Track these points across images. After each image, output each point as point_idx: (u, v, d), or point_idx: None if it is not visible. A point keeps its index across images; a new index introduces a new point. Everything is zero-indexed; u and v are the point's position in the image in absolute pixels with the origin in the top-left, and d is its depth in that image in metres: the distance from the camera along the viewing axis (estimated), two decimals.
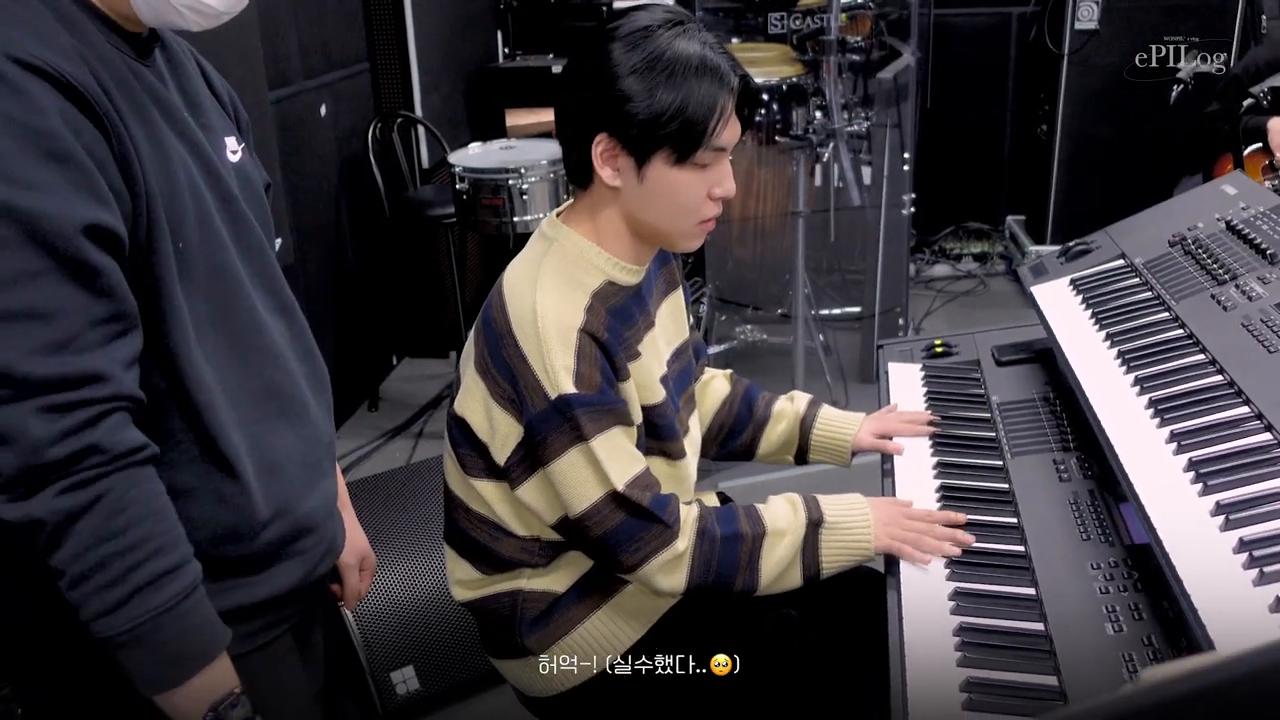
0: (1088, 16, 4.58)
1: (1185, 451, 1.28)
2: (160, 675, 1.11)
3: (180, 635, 1.11)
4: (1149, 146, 4.63)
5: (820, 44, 3.57)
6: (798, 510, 1.52)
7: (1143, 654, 1.20)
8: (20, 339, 1.01)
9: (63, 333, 1.03)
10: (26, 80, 1.01)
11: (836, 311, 4.41)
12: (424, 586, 2.44)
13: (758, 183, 4.23)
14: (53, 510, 1.03)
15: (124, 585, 1.07)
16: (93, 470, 1.05)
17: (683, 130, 1.39)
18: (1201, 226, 1.73)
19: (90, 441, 1.04)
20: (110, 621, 1.07)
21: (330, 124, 3.83)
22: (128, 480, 1.07)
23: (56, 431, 1.02)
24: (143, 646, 1.09)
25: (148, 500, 1.09)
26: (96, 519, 1.05)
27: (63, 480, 1.04)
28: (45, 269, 1.01)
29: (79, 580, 1.06)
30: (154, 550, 1.08)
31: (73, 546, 1.05)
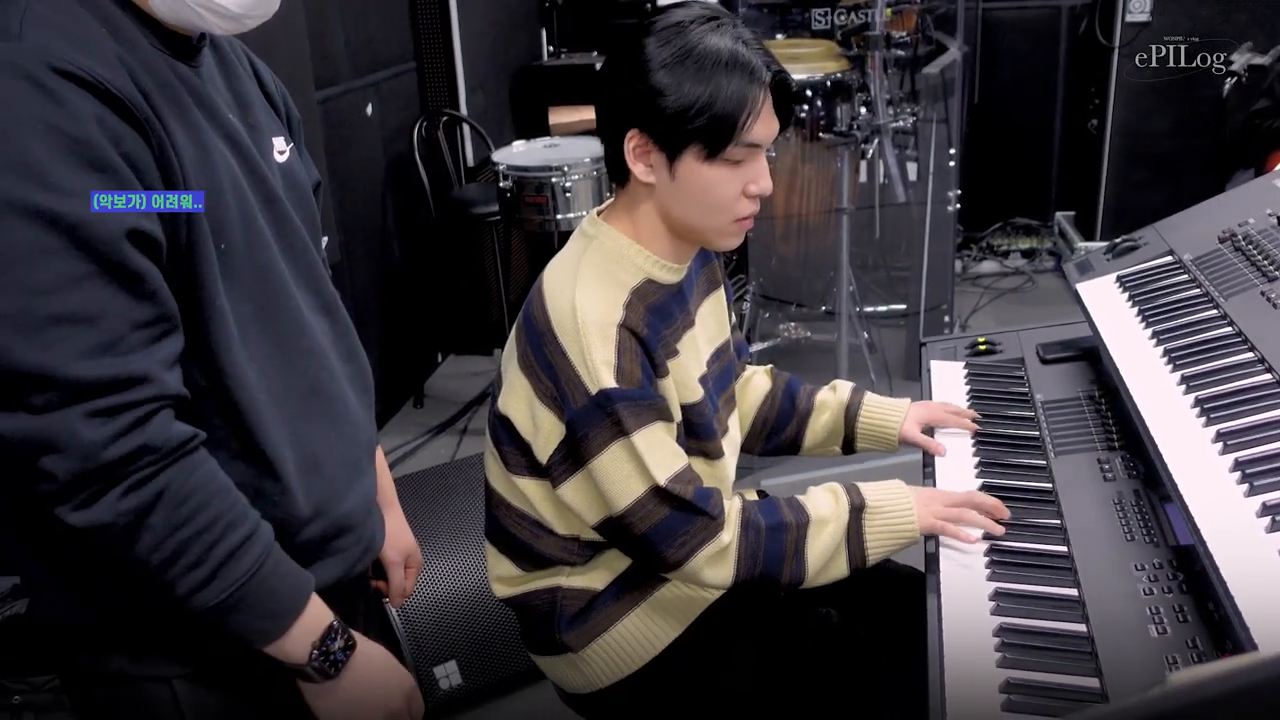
0: (1139, 8, 4.51)
1: (1231, 451, 1.26)
2: (261, 631, 1.17)
3: (269, 594, 1.16)
4: (1202, 140, 4.55)
5: (865, 39, 3.55)
6: (839, 497, 1.52)
7: (1187, 656, 1.18)
8: (66, 343, 1.02)
9: (107, 335, 1.04)
10: (64, 88, 1.02)
11: (881, 309, 4.38)
12: (468, 582, 2.46)
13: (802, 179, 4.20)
14: (119, 512, 1.06)
15: (207, 564, 1.11)
16: (149, 468, 1.07)
17: (712, 125, 1.38)
18: (1252, 222, 1.70)
19: (141, 442, 1.06)
20: (203, 597, 1.12)
21: (376, 123, 3.87)
22: (184, 470, 1.10)
23: (107, 435, 1.04)
24: (238, 611, 1.14)
25: (208, 483, 1.12)
26: (164, 512, 1.08)
27: (123, 483, 1.06)
28: (89, 274, 1.03)
29: (163, 567, 1.10)
30: (225, 527, 1.13)
31: (149, 540, 1.08)
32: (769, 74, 1.40)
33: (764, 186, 1.44)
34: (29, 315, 1.01)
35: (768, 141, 1.42)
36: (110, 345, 1.04)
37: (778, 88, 1.42)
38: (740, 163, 1.42)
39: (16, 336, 1.01)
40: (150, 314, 1.08)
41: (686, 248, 1.52)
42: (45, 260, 1.01)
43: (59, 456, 1.03)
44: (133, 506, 1.06)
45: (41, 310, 1.01)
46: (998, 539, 1.45)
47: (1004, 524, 1.47)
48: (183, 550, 1.10)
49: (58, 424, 1.03)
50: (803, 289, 4.41)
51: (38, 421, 1.02)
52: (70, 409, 1.03)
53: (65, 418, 1.03)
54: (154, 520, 1.08)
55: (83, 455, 1.03)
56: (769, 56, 1.42)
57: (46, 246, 1.01)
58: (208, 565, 1.11)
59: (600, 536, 1.52)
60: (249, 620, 1.16)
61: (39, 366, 1.01)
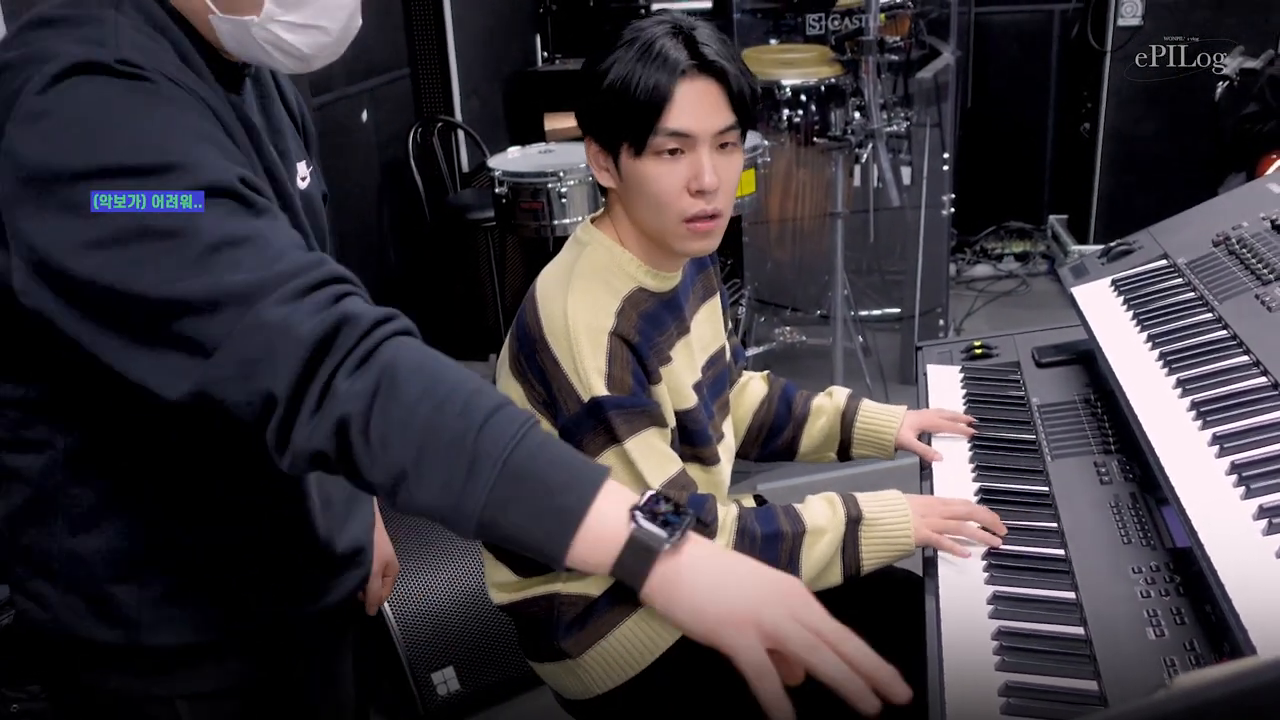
0: (1131, 12, 4.53)
1: (1228, 454, 1.26)
2: (558, 523, 0.91)
3: (550, 462, 0.93)
4: (1194, 144, 4.57)
5: (859, 44, 3.55)
6: (836, 508, 1.52)
7: (1184, 659, 1.18)
8: (243, 258, 0.96)
9: (273, 249, 0.98)
10: (178, 92, 1.04)
11: (876, 313, 4.40)
12: (465, 588, 2.46)
13: (796, 184, 4.22)
14: (352, 396, 0.92)
15: (463, 445, 0.91)
16: (357, 342, 0.94)
17: (631, 114, 1.38)
18: (1246, 226, 1.71)
19: (341, 312, 0.95)
20: (469, 496, 0.90)
21: (371, 129, 3.87)
22: (398, 344, 0.96)
23: (302, 312, 0.94)
24: (517, 506, 0.91)
25: (433, 355, 0.97)
26: (399, 386, 0.92)
27: (341, 365, 0.93)
28: (234, 210, 0.99)
29: (410, 469, 0.91)
30: (471, 391, 0.94)
31: (385, 429, 0.91)
32: (689, 63, 1.38)
33: (705, 182, 1.40)
34: (196, 254, 0.95)
35: (701, 132, 1.39)
36: (282, 252, 0.98)
37: (720, 78, 1.41)
38: (675, 156, 1.40)
39: (182, 272, 0.95)
40: (298, 238, 1.04)
41: (667, 254, 1.51)
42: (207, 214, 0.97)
43: (266, 366, 0.93)
44: (360, 389, 0.92)
45: (207, 251, 0.96)
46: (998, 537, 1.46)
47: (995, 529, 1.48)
48: (431, 432, 0.91)
49: (249, 329, 0.93)
50: (797, 293, 4.42)
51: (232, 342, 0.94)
52: (255, 308, 0.93)
53: (256, 317, 0.93)
54: (382, 403, 0.91)
55: (294, 340, 0.92)
56: (712, 52, 1.39)
57: (219, 210, 0.98)
58: (460, 448, 0.90)
59: None
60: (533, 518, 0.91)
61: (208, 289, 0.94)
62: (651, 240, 1.49)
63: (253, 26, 1.11)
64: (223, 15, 1.11)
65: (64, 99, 0.97)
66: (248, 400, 0.95)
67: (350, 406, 0.92)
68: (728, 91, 1.41)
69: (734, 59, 1.43)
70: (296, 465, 0.97)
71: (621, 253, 1.49)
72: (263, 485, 1.22)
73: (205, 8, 1.11)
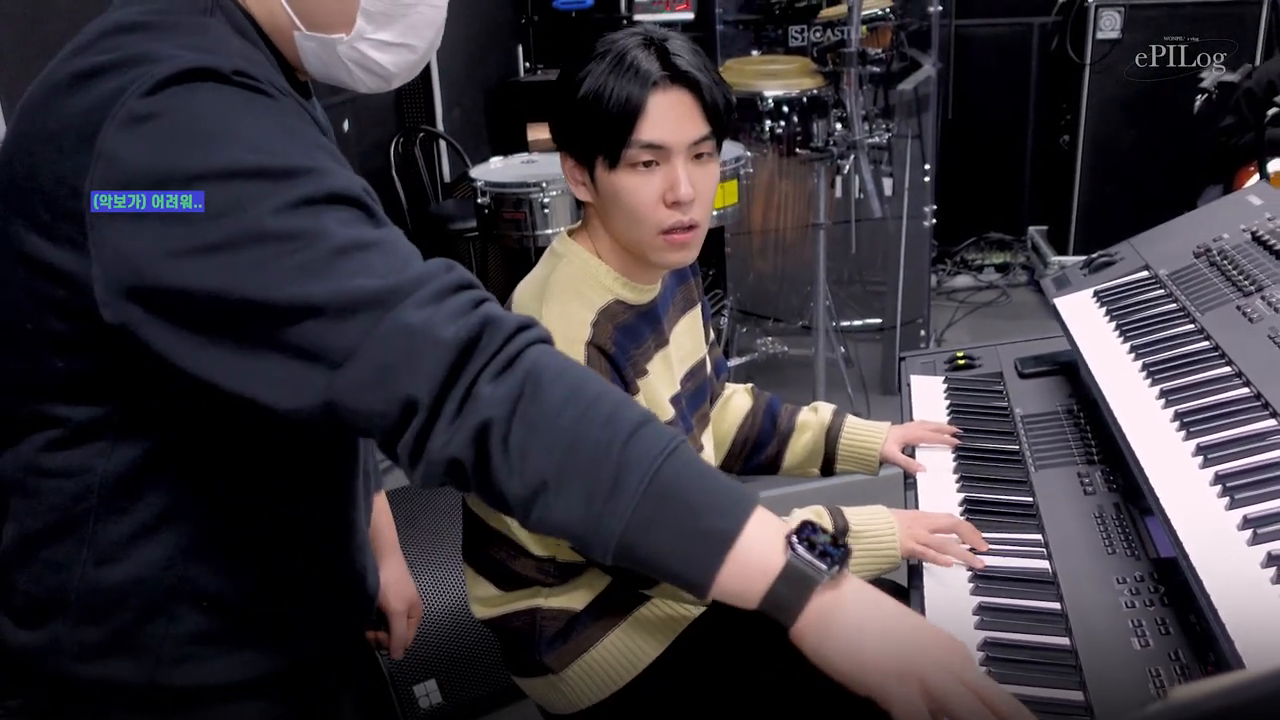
0: (1110, 26, 4.57)
1: (1212, 465, 1.27)
2: (705, 547, 0.88)
3: (698, 478, 0.90)
4: (1172, 156, 4.61)
5: (841, 56, 3.57)
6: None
7: (1170, 669, 1.18)
8: (374, 262, 0.93)
9: (400, 255, 0.96)
10: (271, 90, 1.00)
11: (858, 323, 4.41)
12: (447, 600, 2.44)
13: (778, 195, 4.23)
14: (495, 401, 0.89)
15: (607, 457, 0.87)
16: (500, 347, 0.91)
17: (604, 127, 1.38)
18: (1227, 238, 1.72)
19: (483, 316, 0.92)
20: (611, 514, 0.87)
21: (353, 139, 3.86)
22: (540, 351, 0.94)
23: (444, 314, 0.91)
24: (661, 527, 0.87)
25: (575, 364, 0.96)
26: (542, 393, 0.90)
27: (484, 370, 0.90)
28: (359, 218, 0.97)
29: (550, 481, 0.88)
30: (616, 403, 0.92)
31: (526, 437, 0.88)
32: (661, 74, 1.37)
33: (681, 194, 1.39)
34: (323, 257, 0.92)
35: (675, 144, 1.39)
36: (408, 260, 0.96)
37: (694, 88, 1.40)
38: (650, 168, 1.40)
39: (308, 276, 0.91)
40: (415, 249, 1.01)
41: (645, 267, 1.50)
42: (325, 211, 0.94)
43: (405, 370, 0.89)
44: (505, 394, 0.89)
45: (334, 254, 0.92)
46: (980, 554, 1.46)
47: (986, 538, 1.48)
48: (576, 441, 0.88)
49: (388, 334, 0.90)
50: (779, 304, 4.43)
51: (369, 347, 0.90)
52: (393, 312, 0.90)
53: (394, 321, 0.90)
54: (527, 409, 0.88)
55: (433, 342, 0.89)
56: (684, 63, 1.39)
57: (343, 217, 0.95)
58: (608, 460, 0.87)
59: (575, 558, 1.51)
60: (679, 540, 0.87)
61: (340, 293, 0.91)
62: (629, 252, 1.48)
63: (339, 45, 1.08)
64: (309, 33, 1.08)
65: (177, 102, 0.92)
66: (384, 409, 0.90)
67: (493, 412, 0.88)
68: (701, 102, 1.41)
69: (707, 69, 1.42)
70: (431, 476, 0.92)
71: (598, 265, 1.48)
72: (308, 520, 1.18)
73: (290, 24, 1.08)
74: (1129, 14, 4.54)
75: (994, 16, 5.05)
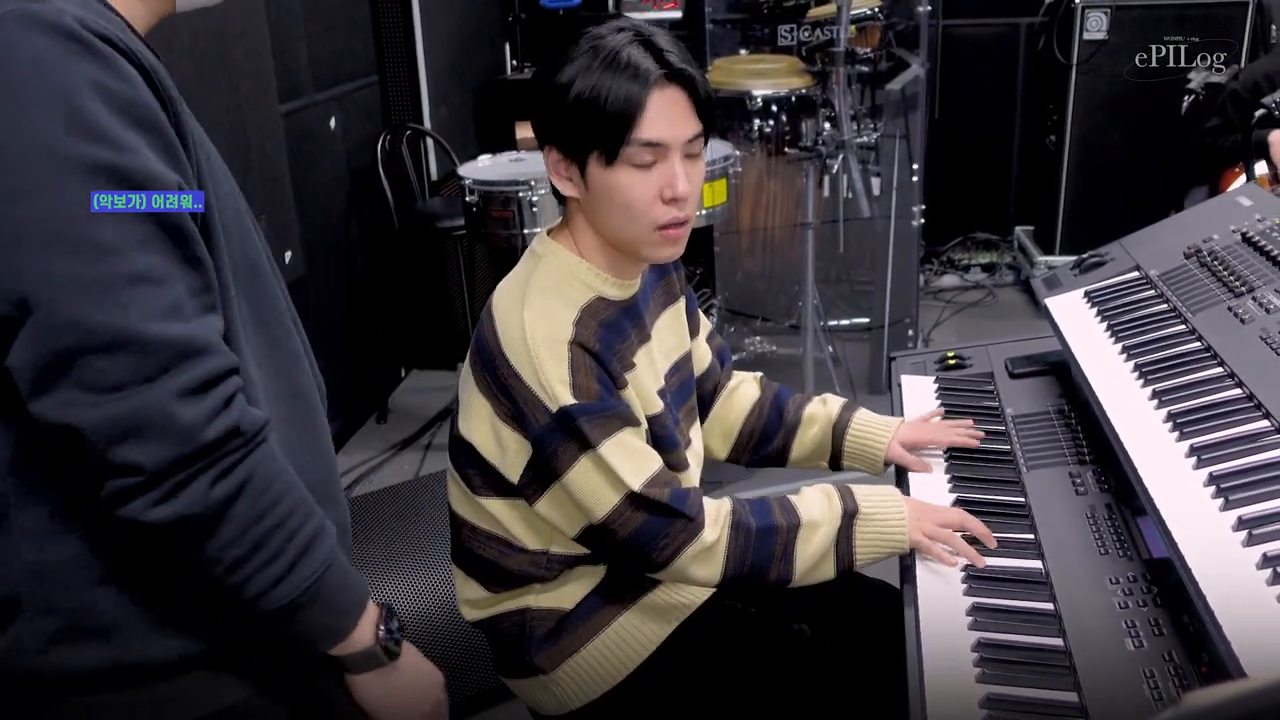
0: (1096, 26, 4.58)
1: (1205, 465, 1.27)
2: (332, 629, 1.12)
3: (340, 586, 1.11)
4: (1159, 157, 4.62)
5: (829, 55, 3.57)
6: (832, 500, 1.51)
7: (1163, 669, 1.19)
8: (139, 303, 0.95)
9: (172, 298, 0.98)
10: (106, 49, 0.96)
11: (845, 322, 4.41)
12: (434, 601, 2.43)
13: (767, 194, 4.23)
14: (209, 504, 0.99)
15: (283, 558, 1.05)
16: (237, 453, 1.01)
17: (602, 126, 1.37)
18: (1217, 238, 1.72)
19: (233, 422, 1.00)
20: (275, 595, 1.05)
21: (340, 136, 3.84)
22: (264, 456, 1.04)
23: (204, 413, 0.97)
24: (312, 608, 1.08)
25: (282, 471, 1.06)
26: (247, 502, 1.02)
27: (213, 469, 0.99)
28: (151, 233, 0.97)
29: (238, 564, 1.02)
30: (302, 517, 1.07)
31: (229, 533, 1.01)
32: (659, 72, 1.37)
33: (679, 190, 1.40)
34: (102, 276, 0.94)
35: (673, 141, 1.39)
36: (176, 309, 0.98)
37: (688, 86, 1.40)
38: (648, 166, 1.39)
39: (91, 301, 0.93)
40: (200, 282, 1.02)
41: (629, 262, 1.50)
42: (112, 218, 0.95)
43: (151, 443, 0.95)
44: (221, 496, 0.99)
45: (114, 269, 0.94)
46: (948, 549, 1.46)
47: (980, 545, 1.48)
48: (260, 544, 1.03)
49: (151, 404, 0.95)
50: (768, 303, 4.43)
51: (127, 403, 0.94)
52: (159, 384, 0.95)
53: (158, 396, 0.95)
54: (238, 510, 1.01)
55: (178, 438, 0.96)
56: (677, 60, 1.39)
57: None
58: (283, 560, 1.05)
59: (572, 550, 1.51)
60: (319, 618, 1.10)
61: (117, 329, 0.94)
62: (617, 248, 1.47)
63: None
64: None
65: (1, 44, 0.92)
66: (108, 457, 0.96)
67: (200, 509, 0.99)
68: (694, 99, 1.40)
69: (695, 65, 1.42)
70: (115, 516, 0.99)
71: (578, 263, 1.47)
72: None
73: None
74: (1115, 15, 4.55)
75: (981, 17, 5.05)
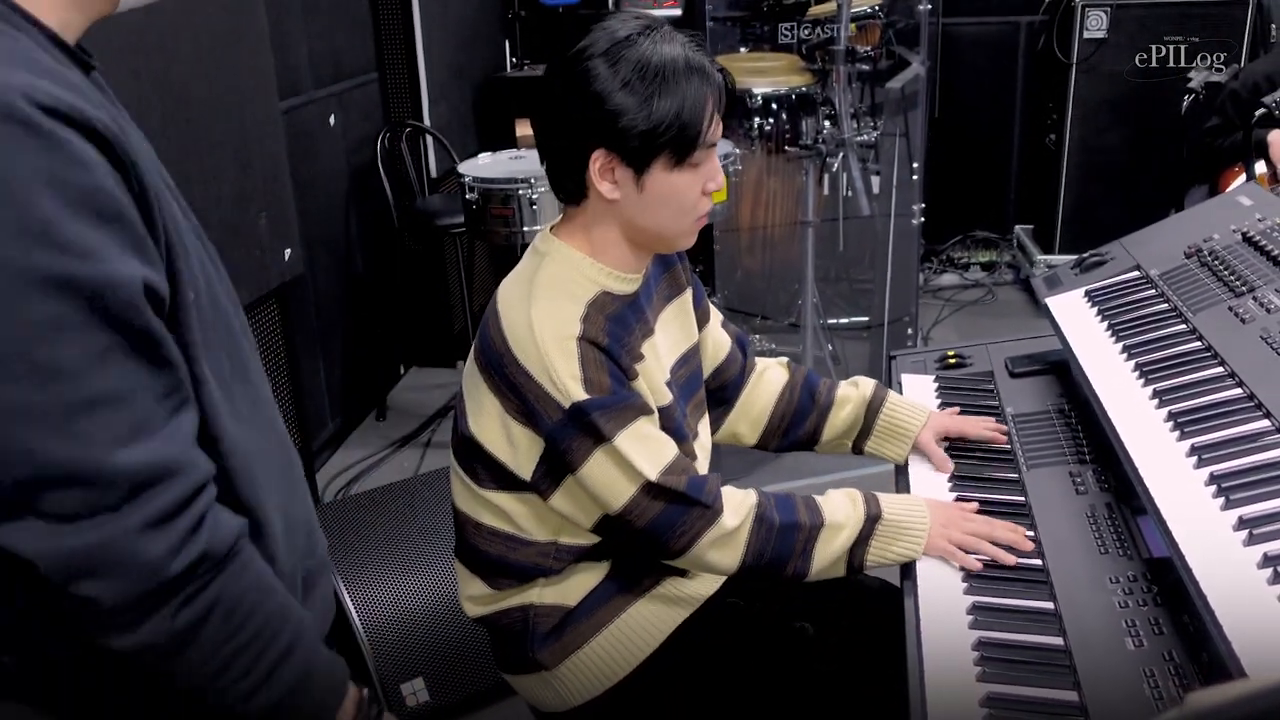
0: (1096, 25, 4.57)
1: (1206, 465, 1.27)
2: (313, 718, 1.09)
3: (317, 687, 1.09)
4: (1158, 156, 4.62)
5: (829, 53, 3.57)
6: (856, 505, 1.51)
7: (1164, 669, 1.19)
8: (100, 430, 0.89)
9: (138, 415, 0.91)
10: (59, 130, 0.87)
11: (845, 321, 4.41)
12: (434, 597, 2.43)
13: (767, 192, 4.22)
14: (173, 633, 0.95)
15: (256, 673, 1.02)
16: (204, 577, 0.96)
17: (680, 133, 1.40)
18: (1217, 238, 1.73)
19: (201, 550, 0.95)
20: (251, 704, 1.03)
21: (339, 133, 3.83)
22: (235, 574, 1.00)
23: (168, 547, 0.93)
24: (290, 708, 1.06)
25: (256, 584, 1.03)
26: (217, 624, 0.98)
27: (176, 598, 0.95)
28: (112, 345, 0.90)
29: (213, 678, 1.00)
30: (275, 631, 1.03)
31: (197, 656, 0.98)
32: (718, 74, 1.44)
33: (720, 181, 1.49)
34: (55, 403, 0.87)
35: (717, 138, 1.46)
36: (142, 427, 0.91)
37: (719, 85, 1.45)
38: (700, 164, 1.45)
39: (44, 430, 0.87)
40: (169, 383, 0.95)
41: (644, 256, 1.52)
42: (66, 336, 0.87)
43: (111, 580, 0.91)
44: (185, 623, 0.95)
45: (69, 396, 0.87)
46: (973, 553, 1.46)
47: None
48: (233, 659, 1.00)
49: (112, 539, 0.90)
50: (767, 301, 4.43)
51: (85, 538, 0.89)
52: (118, 518, 0.90)
53: (121, 530, 0.90)
54: (206, 634, 0.97)
55: (142, 575, 0.92)
56: (712, 56, 1.46)
57: (65, 320, 0.87)
58: (256, 674, 1.02)
59: (581, 540, 1.51)
60: (298, 716, 1.07)
61: (74, 461, 0.88)
62: (640, 244, 1.49)
63: None
64: None
65: None
66: (68, 589, 0.91)
67: (163, 639, 0.95)
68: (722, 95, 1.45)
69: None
70: (78, 632, 0.96)
71: (581, 259, 1.47)
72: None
73: None
74: (1115, 14, 4.55)
75: (982, 15, 5.05)
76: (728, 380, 1.77)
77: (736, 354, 1.78)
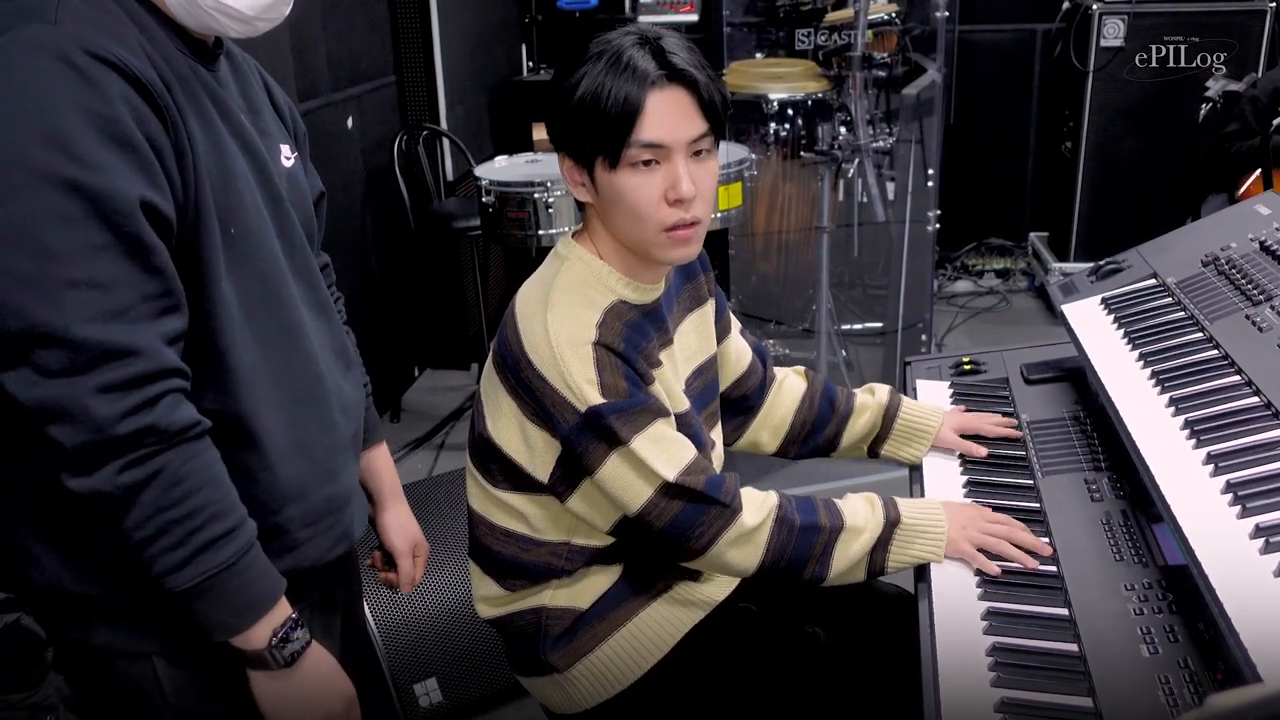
0: (1113, 33, 4.57)
1: (1223, 473, 1.27)
2: (226, 624, 1.21)
3: (241, 589, 1.20)
4: (1174, 164, 4.60)
5: (846, 60, 3.57)
6: (875, 509, 1.52)
7: (1179, 676, 1.19)
8: (78, 306, 1.07)
9: (117, 303, 1.09)
10: (95, 69, 1.09)
11: (859, 327, 4.41)
12: (448, 598, 2.44)
13: (782, 197, 4.23)
14: (115, 485, 1.11)
15: (185, 548, 1.15)
16: (150, 448, 1.12)
17: (603, 128, 1.37)
18: (1235, 246, 1.72)
19: (149, 422, 1.11)
20: (176, 579, 1.16)
21: (357, 136, 3.85)
22: (183, 455, 1.15)
23: (117, 411, 1.09)
24: (208, 599, 1.19)
25: (203, 471, 1.17)
26: (155, 491, 1.13)
27: (123, 457, 1.11)
28: (107, 244, 1.09)
29: (144, 543, 1.14)
30: (210, 516, 1.17)
31: (136, 515, 1.13)
32: (658, 73, 1.37)
33: (683, 191, 1.39)
34: (47, 277, 1.06)
35: (674, 142, 1.38)
36: (119, 313, 1.09)
37: (691, 86, 1.39)
38: (650, 166, 1.39)
39: (37, 296, 1.06)
40: (158, 288, 1.13)
41: (647, 265, 1.50)
42: (66, 227, 1.07)
43: (67, 426, 1.08)
44: (128, 481, 1.11)
45: (59, 274, 1.07)
46: (994, 555, 1.46)
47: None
48: (165, 530, 1.14)
49: (69, 394, 1.08)
50: (782, 306, 4.43)
51: (50, 389, 1.07)
52: (81, 379, 1.08)
53: (76, 389, 1.08)
54: (145, 497, 1.13)
55: (91, 428, 1.09)
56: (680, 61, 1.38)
57: (68, 214, 1.07)
58: (185, 549, 1.15)
59: (594, 541, 1.52)
60: (214, 611, 1.20)
61: (50, 325, 1.06)
62: (631, 252, 1.48)
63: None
64: None
65: None
66: (43, 430, 1.09)
67: (109, 489, 1.11)
68: (699, 100, 1.40)
69: (702, 67, 1.42)
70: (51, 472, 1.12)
71: (601, 266, 1.48)
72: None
73: None
74: (1133, 21, 4.54)
75: (998, 22, 5.05)
76: (749, 390, 1.78)
77: (757, 365, 1.79)
